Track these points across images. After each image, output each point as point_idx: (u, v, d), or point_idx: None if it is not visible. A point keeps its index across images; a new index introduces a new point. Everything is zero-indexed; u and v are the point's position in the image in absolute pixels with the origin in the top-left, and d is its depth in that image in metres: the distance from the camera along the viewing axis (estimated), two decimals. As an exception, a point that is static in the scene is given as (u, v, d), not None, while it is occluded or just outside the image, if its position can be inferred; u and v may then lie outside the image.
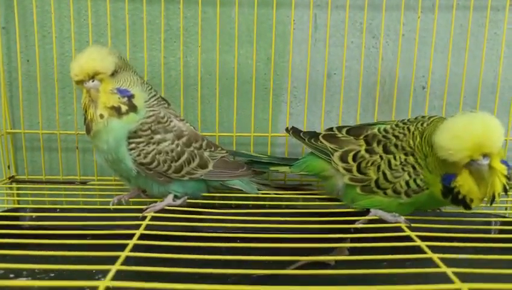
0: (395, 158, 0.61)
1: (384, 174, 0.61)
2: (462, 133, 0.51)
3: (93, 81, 0.61)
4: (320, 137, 0.69)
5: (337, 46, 0.85)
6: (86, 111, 0.63)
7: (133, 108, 0.63)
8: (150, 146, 0.64)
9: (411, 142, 0.60)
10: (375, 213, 0.63)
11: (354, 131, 0.67)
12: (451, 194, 0.56)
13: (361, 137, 0.66)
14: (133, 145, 0.63)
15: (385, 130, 0.64)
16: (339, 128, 0.69)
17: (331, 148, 0.67)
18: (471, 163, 0.51)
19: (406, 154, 0.60)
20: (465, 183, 0.54)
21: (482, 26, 0.84)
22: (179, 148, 0.66)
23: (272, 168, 0.77)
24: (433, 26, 0.82)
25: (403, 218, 0.61)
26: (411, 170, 0.60)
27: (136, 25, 0.83)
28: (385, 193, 0.62)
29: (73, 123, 0.85)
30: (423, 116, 0.64)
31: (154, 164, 0.64)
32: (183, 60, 0.84)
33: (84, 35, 0.83)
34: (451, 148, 0.51)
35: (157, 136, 0.64)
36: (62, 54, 0.84)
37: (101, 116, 0.62)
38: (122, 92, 0.62)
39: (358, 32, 0.85)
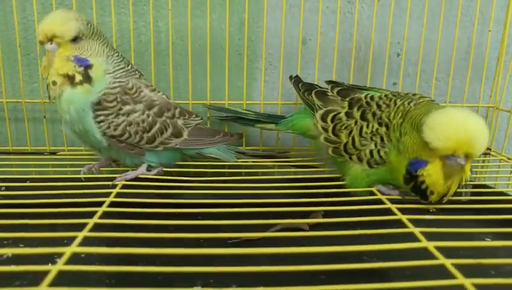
0: (367, 126, 0.60)
1: (353, 139, 0.61)
2: (462, 125, 0.48)
3: (51, 44, 0.58)
4: (313, 92, 0.69)
5: (312, 11, 0.84)
6: (47, 75, 0.61)
7: (87, 79, 0.60)
8: (120, 117, 0.62)
9: (392, 115, 0.59)
10: (376, 187, 0.62)
11: (344, 92, 0.67)
12: (414, 182, 0.54)
13: (347, 99, 0.65)
14: (101, 118, 0.61)
15: (371, 98, 0.63)
16: (334, 86, 0.69)
17: (318, 105, 0.67)
18: (450, 157, 0.50)
19: (379, 124, 0.59)
20: (433, 173, 0.52)
21: (457, -9, 0.84)
22: (150, 119, 0.64)
23: (258, 125, 0.77)
24: (408, -10, 0.82)
25: (397, 191, 0.61)
26: (378, 140, 0.59)
27: (103, -14, 0.79)
28: (351, 158, 0.62)
29: (39, 91, 0.82)
30: (414, 94, 0.62)
31: (126, 135, 0.63)
32: (154, 24, 0.81)
33: (47, -3, 0.78)
34: (443, 134, 0.49)
35: (127, 107, 0.62)
36: (24, 17, 0.79)
37: (54, 82, 0.60)
38: (79, 60, 0.60)
39: (333, -4, 0.84)
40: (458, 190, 0.55)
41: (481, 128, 0.49)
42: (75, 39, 0.59)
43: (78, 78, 0.59)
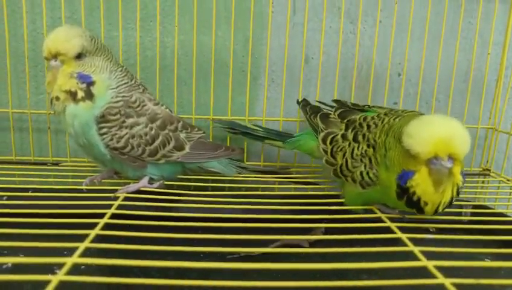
0: (358, 148, 0.60)
1: (346, 161, 0.61)
2: (437, 126, 0.48)
3: (55, 61, 0.59)
4: (318, 115, 0.69)
5: (315, 30, 0.85)
6: (51, 90, 0.62)
7: (89, 96, 0.61)
8: (123, 130, 0.62)
9: (377, 134, 0.58)
10: (377, 206, 0.62)
11: (344, 113, 0.67)
12: (407, 195, 0.52)
13: (345, 121, 0.65)
14: (104, 130, 0.62)
15: (364, 118, 0.63)
16: (338, 108, 0.69)
17: (321, 128, 0.67)
18: (434, 162, 0.48)
19: (368, 146, 0.59)
20: (422, 182, 0.50)
21: (458, 14, 0.85)
22: (153, 132, 0.65)
23: (267, 141, 0.79)
24: (409, 12, 0.83)
25: (397, 210, 0.61)
26: (367, 162, 0.58)
27: (111, 2, 0.81)
28: (346, 180, 0.62)
29: (45, 103, 0.83)
30: (403, 110, 0.62)
31: (128, 148, 0.63)
32: (160, 40, 0.83)
33: (56, 11, 0.80)
34: (420, 137, 0.48)
35: (130, 120, 0.63)
36: (33, 30, 0.81)
37: (57, 98, 0.61)
38: (82, 77, 0.60)
39: (336, 17, 0.85)
40: (456, 201, 0.53)
41: (458, 128, 0.48)
42: (79, 56, 0.60)
43: (80, 94, 0.60)
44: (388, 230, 0.53)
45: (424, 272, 0.42)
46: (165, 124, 0.66)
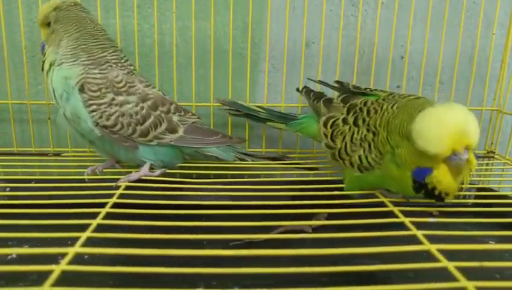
0: (358, 132, 0.60)
1: (345, 145, 0.61)
2: (450, 123, 0.47)
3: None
4: (321, 100, 0.69)
5: (316, 14, 0.84)
6: None
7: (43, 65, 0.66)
8: (113, 108, 0.62)
9: (378, 122, 0.58)
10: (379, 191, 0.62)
11: (346, 98, 0.66)
12: (425, 189, 0.52)
13: (347, 105, 0.65)
14: (94, 107, 0.62)
15: (365, 103, 0.62)
16: (342, 93, 0.68)
17: (323, 112, 0.67)
18: (452, 157, 0.47)
19: (368, 131, 0.59)
20: (443, 179, 0.50)
21: (461, -6, 0.84)
22: (143, 111, 0.64)
23: (269, 123, 0.78)
24: (412, -7, 0.82)
25: (399, 195, 0.60)
26: (366, 146, 0.58)
27: (108, -11, 0.79)
28: (344, 164, 0.62)
29: (44, 93, 0.82)
30: (401, 95, 0.61)
31: (118, 126, 0.63)
32: (158, 27, 0.81)
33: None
34: (435, 138, 0.47)
35: (120, 98, 0.63)
36: (30, 19, 0.80)
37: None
38: (42, 46, 0.67)
39: (337, -1, 0.84)
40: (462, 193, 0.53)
41: (468, 117, 0.47)
42: (48, 23, 0.65)
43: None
44: (391, 214, 0.53)
45: (427, 256, 0.42)
46: (157, 105, 0.66)
